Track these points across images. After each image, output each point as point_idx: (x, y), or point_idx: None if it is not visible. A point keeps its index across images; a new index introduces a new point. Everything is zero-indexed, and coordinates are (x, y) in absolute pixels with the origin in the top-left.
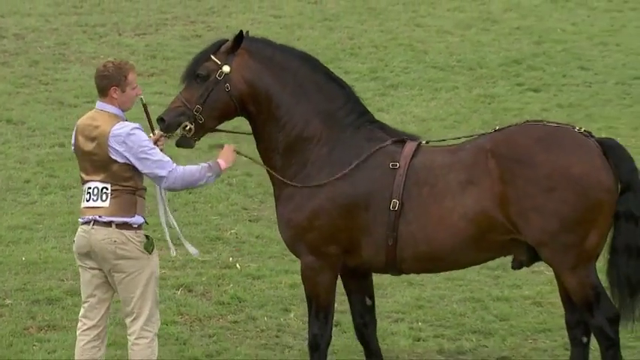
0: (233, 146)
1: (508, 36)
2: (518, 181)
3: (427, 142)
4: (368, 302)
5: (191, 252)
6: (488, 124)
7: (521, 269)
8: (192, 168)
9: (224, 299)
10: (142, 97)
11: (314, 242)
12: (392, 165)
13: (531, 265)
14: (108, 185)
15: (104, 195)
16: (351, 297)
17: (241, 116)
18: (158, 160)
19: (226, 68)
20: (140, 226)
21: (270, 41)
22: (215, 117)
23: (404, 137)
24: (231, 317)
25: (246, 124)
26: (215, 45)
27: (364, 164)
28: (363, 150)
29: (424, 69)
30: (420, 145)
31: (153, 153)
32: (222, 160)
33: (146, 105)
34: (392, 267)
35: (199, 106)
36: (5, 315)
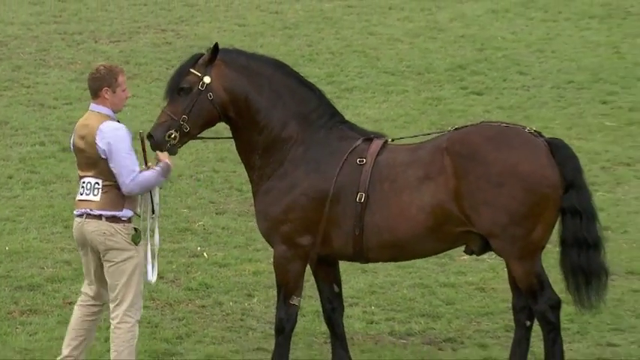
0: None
1: (453, 43)
2: (470, 177)
3: (392, 140)
4: (335, 289)
5: (148, 276)
6: (435, 125)
7: (465, 258)
8: (150, 175)
9: (192, 285)
10: (142, 132)
11: (288, 233)
12: (359, 161)
13: (481, 254)
14: (99, 181)
15: (96, 190)
16: (320, 284)
17: (221, 122)
18: (126, 167)
19: (207, 79)
20: (129, 220)
21: (242, 51)
22: (200, 125)
23: (371, 136)
24: (199, 302)
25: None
26: (192, 59)
27: (336, 161)
28: (336, 148)
29: (376, 74)
30: (386, 143)
31: (126, 157)
32: (166, 159)
33: (144, 139)
34: (359, 256)
35: (185, 116)
36: None
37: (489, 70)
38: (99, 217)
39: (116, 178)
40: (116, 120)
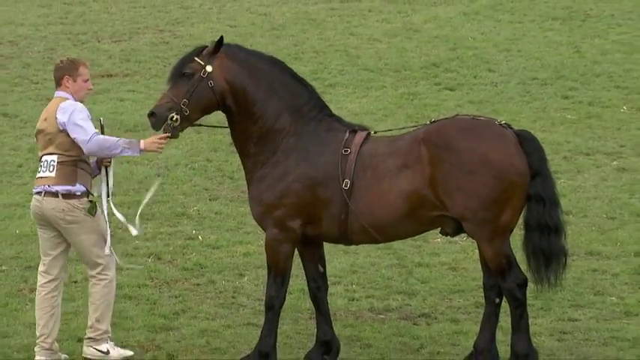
0: (159, 142)
1: (427, 43)
2: (445, 165)
3: (375, 133)
4: (320, 269)
5: (133, 232)
6: (411, 118)
7: (438, 240)
8: (110, 138)
9: (188, 265)
10: (102, 119)
11: (280, 217)
12: (344, 151)
13: (455, 236)
14: (55, 157)
15: (51, 166)
16: (306, 265)
17: (219, 110)
18: (84, 129)
19: (209, 68)
20: (83, 194)
21: (243, 47)
22: (199, 110)
23: (356, 128)
24: (194, 281)
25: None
26: (197, 49)
27: (324, 150)
28: (324, 139)
29: (357, 71)
30: (369, 135)
31: (83, 123)
32: (142, 142)
33: (103, 125)
34: (344, 238)
35: (186, 100)
36: (1, 279)
37: (461, 68)
38: (56, 195)
39: (73, 151)
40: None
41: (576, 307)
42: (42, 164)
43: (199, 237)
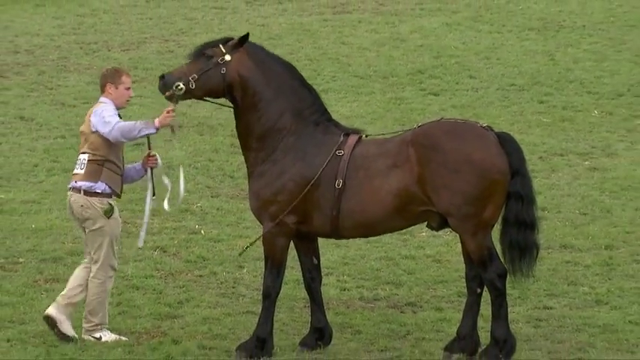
0: (168, 114)
1: (413, 52)
2: (431, 165)
3: (366, 136)
4: (315, 261)
5: (139, 242)
6: (398, 121)
7: (423, 234)
8: (128, 123)
9: (191, 258)
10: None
11: (275, 213)
12: (338, 153)
13: (440, 230)
14: (86, 156)
15: (82, 164)
16: (301, 257)
17: (224, 98)
18: (108, 121)
19: (228, 57)
20: (105, 193)
21: (264, 48)
22: (204, 90)
23: (349, 131)
24: (197, 272)
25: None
26: (224, 39)
27: (320, 151)
28: (320, 141)
29: (348, 77)
30: (361, 138)
31: (109, 119)
32: (156, 120)
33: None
34: (335, 233)
35: (195, 75)
36: (19, 270)
37: (444, 75)
38: (79, 191)
39: (102, 151)
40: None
41: (551, 296)
42: (77, 162)
43: (202, 231)
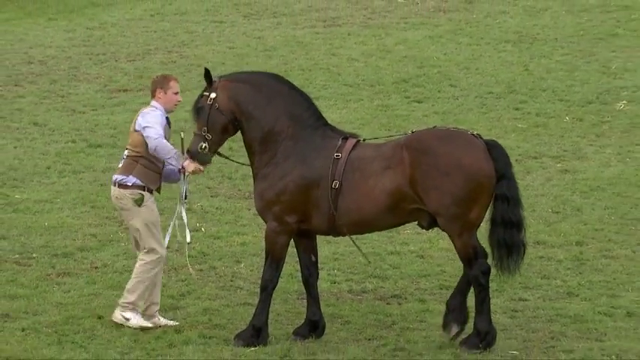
0: (196, 169)
1: (398, 62)
2: (423, 167)
3: (364, 140)
4: (313, 259)
5: (187, 238)
6: (384, 126)
7: (407, 231)
8: (168, 145)
9: (192, 253)
10: (182, 133)
11: (278, 212)
12: (336, 156)
13: (429, 229)
14: (126, 152)
15: (122, 159)
16: (301, 254)
17: (235, 127)
18: (154, 129)
19: (213, 94)
20: (135, 186)
21: (241, 71)
22: (218, 132)
23: (347, 135)
24: (197, 266)
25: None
26: (204, 88)
27: (319, 155)
28: (319, 145)
29: (338, 86)
30: (358, 142)
31: (154, 125)
32: (186, 163)
33: (182, 138)
34: (333, 230)
35: (205, 127)
36: (33, 265)
37: (427, 83)
38: (114, 183)
39: (139, 148)
40: (164, 113)
41: (526, 289)
42: (121, 157)
43: (202, 229)
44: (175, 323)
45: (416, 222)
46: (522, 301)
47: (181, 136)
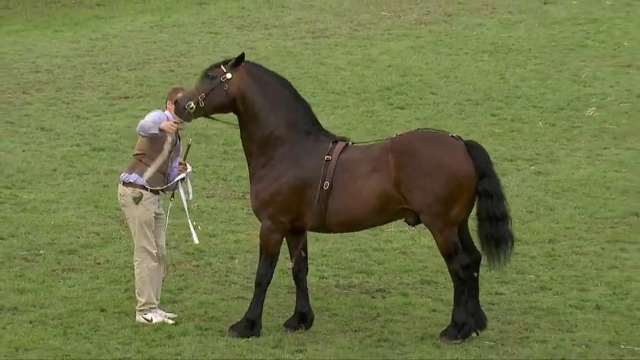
0: (172, 124)
1: (383, 71)
2: (407, 169)
3: (352, 143)
4: (303, 254)
5: (194, 240)
6: (369, 131)
7: (391, 230)
8: (148, 120)
9: (189, 250)
10: (191, 140)
11: (273, 212)
12: (327, 158)
13: (415, 225)
14: (134, 152)
15: (130, 158)
16: (292, 250)
17: (230, 112)
18: (146, 120)
19: (229, 75)
20: (137, 185)
21: (261, 66)
22: (212, 107)
23: (337, 139)
24: (194, 263)
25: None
26: (224, 60)
27: (311, 157)
28: (311, 148)
29: (326, 94)
30: (347, 145)
31: (149, 119)
32: (162, 123)
33: (189, 145)
34: (324, 228)
35: (204, 95)
36: (40, 261)
37: (409, 91)
38: (120, 181)
39: (142, 148)
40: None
41: (502, 283)
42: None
43: (198, 227)
44: (174, 316)
45: (402, 219)
46: (498, 295)
47: (189, 142)
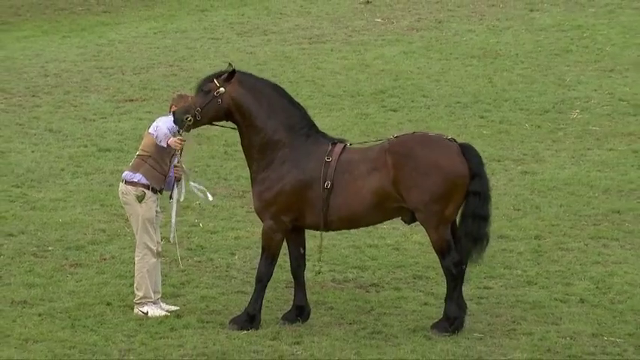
0: (177, 141)
1: (376, 75)
2: (405, 169)
3: (350, 144)
4: (301, 251)
5: (209, 198)
6: (364, 133)
7: (384, 227)
8: (161, 133)
9: (191, 246)
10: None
11: (275, 212)
12: (327, 159)
13: (411, 224)
14: (137, 152)
15: (133, 158)
16: (291, 247)
17: (229, 121)
18: (158, 127)
19: (222, 90)
20: (140, 184)
21: (253, 75)
22: (207, 118)
23: (336, 141)
24: (196, 258)
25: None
26: (218, 73)
27: (311, 159)
28: (311, 150)
29: (322, 97)
30: (346, 146)
31: (161, 125)
32: (170, 140)
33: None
34: (325, 226)
35: (199, 108)
36: (48, 257)
37: (402, 94)
38: (122, 180)
39: (148, 150)
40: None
41: (490, 278)
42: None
43: (200, 224)
44: (176, 308)
45: (399, 218)
46: (487, 289)
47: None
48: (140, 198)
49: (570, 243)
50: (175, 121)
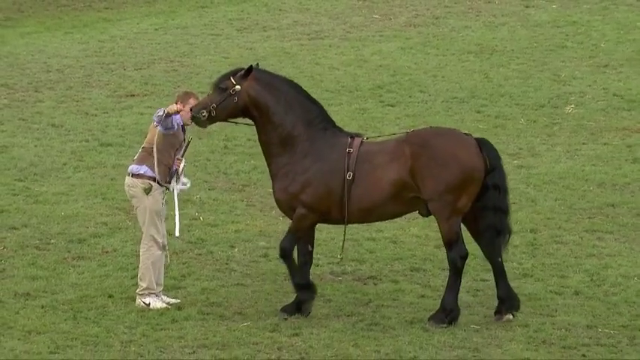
0: (176, 106)
1: (374, 70)
2: (422, 159)
3: (367, 138)
4: (309, 248)
5: (176, 232)
6: (362, 127)
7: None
8: (160, 112)
9: (192, 239)
10: (190, 137)
11: (306, 200)
12: (348, 151)
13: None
14: (143, 145)
15: (138, 152)
16: (300, 244)
17: (246, 118)
18: (158, 114)
19: (238, 87)
20: (146, 176)
21: (269, 72)
22: (223, 115)
23: (354, 135)
24: (196, 251)
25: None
26: (235, 70)
27: (333, 151)
28: (332, 143)
29: (321, 92)
30: (363, 140)
31: (161, 113)
32: (170, 107)
33: (188, 143)
34: (343, 218)
35: (215, 105)
36: (51, 250)
37: (399, 89)
38: (129, 174)
39: (152, 142)
40: (182, 125)
41: (487, 271)
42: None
43: (201, 218)
44: (177, 301)
45: (416, 211)
46: (483, 282)
47: (189, 139)
48: (147, 190)
49: (565, 236)
50: (192, 118)
